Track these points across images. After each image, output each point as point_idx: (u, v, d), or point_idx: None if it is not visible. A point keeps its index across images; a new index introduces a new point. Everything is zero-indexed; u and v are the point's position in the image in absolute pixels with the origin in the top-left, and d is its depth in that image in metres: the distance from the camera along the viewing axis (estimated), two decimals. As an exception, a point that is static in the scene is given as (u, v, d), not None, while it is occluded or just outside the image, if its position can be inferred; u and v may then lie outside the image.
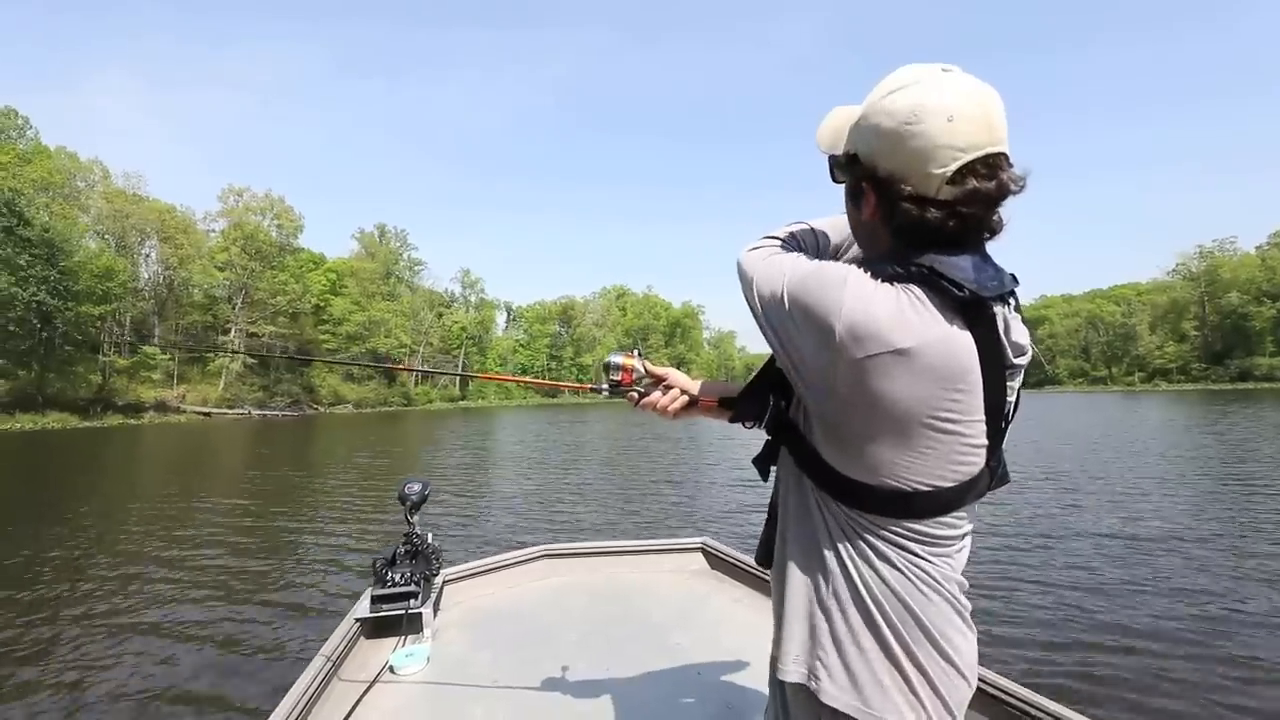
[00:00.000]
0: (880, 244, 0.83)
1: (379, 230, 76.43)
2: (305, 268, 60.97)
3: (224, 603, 5.61)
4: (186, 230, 51.69)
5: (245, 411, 47.58)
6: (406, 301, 70.46)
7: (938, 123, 0.71)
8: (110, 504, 10.75)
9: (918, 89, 0.73)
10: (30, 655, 4.55)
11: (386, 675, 2.03)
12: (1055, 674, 3.87)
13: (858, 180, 0.81)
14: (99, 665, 4.38)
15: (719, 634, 2.30)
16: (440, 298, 79.98)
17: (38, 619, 5.27)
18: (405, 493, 2.41)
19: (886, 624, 0.81)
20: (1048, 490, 9.75)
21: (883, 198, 0.78)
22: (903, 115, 0.73)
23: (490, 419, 40.95)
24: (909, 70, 0.77)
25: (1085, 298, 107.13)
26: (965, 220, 0.75)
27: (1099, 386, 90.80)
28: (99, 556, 7.20)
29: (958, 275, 0.74)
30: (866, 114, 0.77)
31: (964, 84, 0.73)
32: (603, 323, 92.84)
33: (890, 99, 0.75)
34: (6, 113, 45.94)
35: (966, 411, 0.76)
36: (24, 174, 39.87)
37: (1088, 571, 5.79)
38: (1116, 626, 4.52)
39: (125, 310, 45.44)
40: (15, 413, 33.63)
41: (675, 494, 10.65)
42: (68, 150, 47.99)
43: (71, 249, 39.17)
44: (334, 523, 8.88)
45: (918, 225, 0.75)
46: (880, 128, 0.75)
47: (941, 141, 0.71)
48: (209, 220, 56.35)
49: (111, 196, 48.16)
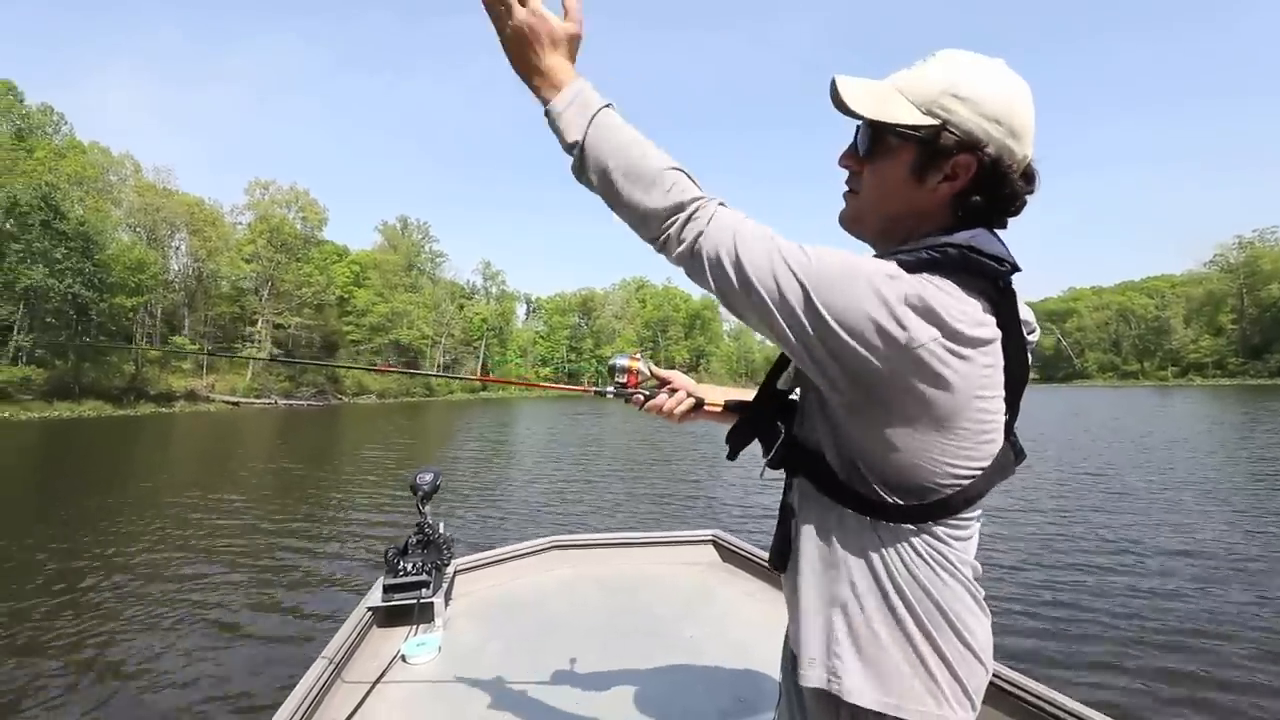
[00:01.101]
0: (930, 222, 0.83)
1: (401, 222, 77.22)
2: (329, 260, 61.93)
3: (241, 588, 5.73)
4: (215, 223, 52.72)
5: (272, 401, 48.56)
6: (428, 293, 71.20)
7: (1030, 107, 0.79)
8: (140, 491, 11.05)
9: (1001, 68, 0.80)
10: (49, 634, 4.70)
11: (398, 664, 2.04)
12: (1074, 669, 3.80)
13: (942, 153, 0.79)
14: (117, 643, 4.52)
15: (730, 626, 2.28)
16: (461, 290, 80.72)
17: (62, 597, 5.44)
18: (417, 483, 2.42)
19: (909, 612, 0.80)
20: (1080, 484, 9.56)
21: (984, 175, 0.79)
22: (1010, 93, 0.78)
23: (509, 410, 41.27)
24: (974, 55, 0.81)
25: (1115, 290, 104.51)
26: (1024, 198, 0.83)
27: (1130, 381, 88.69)
28: (124, 544, 7.40)
29: (997, 250, 0.77)
30: (971, 85, 0.78)
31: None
32: (622, 314, 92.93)
33: (987, 76, 0.78)
34: (43, 109, 47.26)
35: (995, 386, 0.78)
36: (60, 169, 40.97)
37: (1112, 571, 5.67)
38: (1149, 628, 4.42)
39: (156, 301, 46.58)
40: (54, 401, 34.70)
41: (689, 487, 10.64)
42: (101, 145, 49.25)
43: (105, 242, 40.28)
44: (352, 511, 9.03)
45: (1007, 202, 0.81)
46: (996, 101, 0.77)
47: (1032, 124, 0.79)
48: (236, 213, 57.46)
49: (143, 190, 49.29)
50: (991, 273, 0.76)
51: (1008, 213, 0.83)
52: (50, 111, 47.56)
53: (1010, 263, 0.77)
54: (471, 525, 8.05)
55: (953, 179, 0.80)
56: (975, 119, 0.77)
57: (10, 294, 35.25)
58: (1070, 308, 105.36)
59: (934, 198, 0.81)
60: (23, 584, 5.85)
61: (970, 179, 0.79)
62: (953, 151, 0.78)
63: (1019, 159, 0.79)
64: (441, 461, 14.72)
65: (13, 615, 5.09)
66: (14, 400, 33.05)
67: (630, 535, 3.13)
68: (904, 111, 0.80)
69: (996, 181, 0.79)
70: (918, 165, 0.81)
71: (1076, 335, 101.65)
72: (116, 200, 47.71)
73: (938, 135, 0.78)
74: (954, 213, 0.82)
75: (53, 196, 36.62)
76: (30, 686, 3.93)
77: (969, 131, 0.77)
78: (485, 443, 19.15)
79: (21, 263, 34.95)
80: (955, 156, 0.78)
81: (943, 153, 0.79)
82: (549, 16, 0.83)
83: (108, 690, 3.90)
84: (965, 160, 0.78)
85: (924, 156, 0.80)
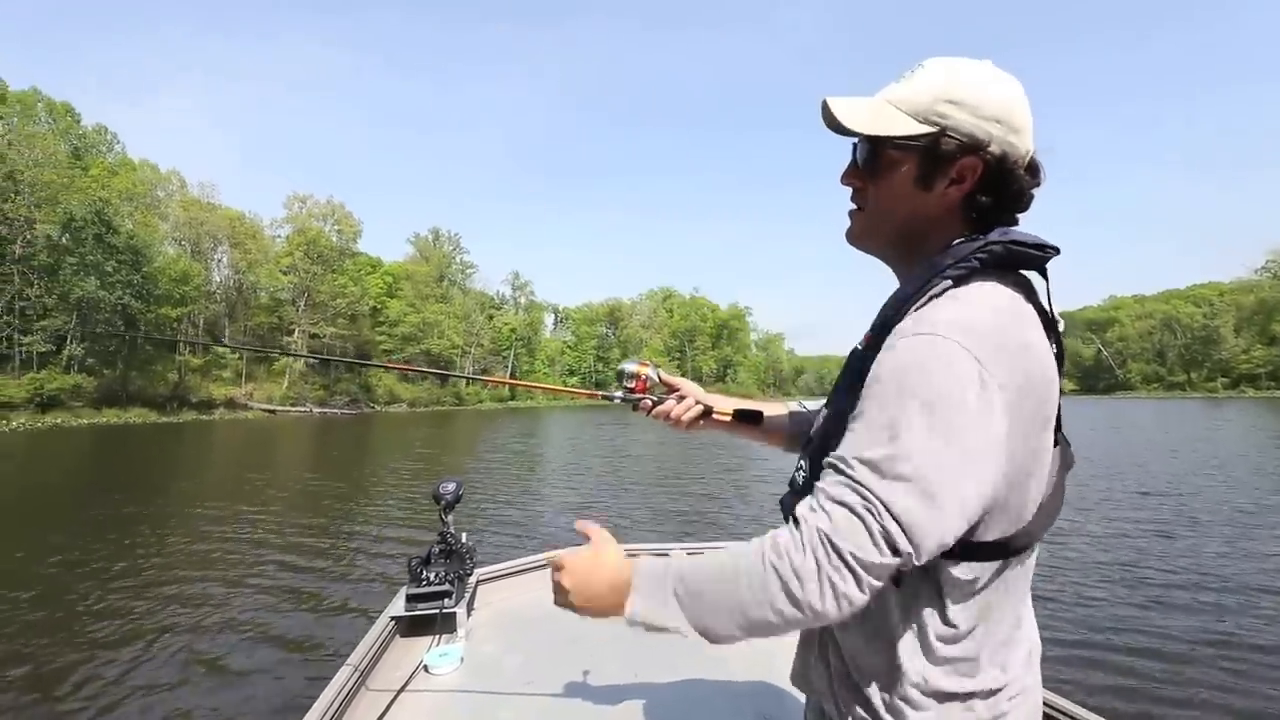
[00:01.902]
0: (942, 226, 0.83)
1: (433, 234, 78.70)
2: (363, 271, 63.35)
3: (268, 594, 5.85)
4: (255, 236, 54.44)
5: (307, 409, 49.74)
6: (459, 304, 72.28)
7: (1025, 102, 0.80)
8: (177, 496, 11.40)
9: (990, 69, 0.81)
10: (81, 635, 4.84)
11: (421, 674, 2.05)
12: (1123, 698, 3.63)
13: (945, 159, 0.80)
14: (143, 645, 4.65)
15: (753, 640, 2.24)
16: (491, 300, 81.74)
17: (95, 595, 5.61)
18: (440, 492, 2.43)
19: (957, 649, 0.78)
20: (1133, 502, 9.21)
21: (990, 175, 0.79)
22: (1004, 92, 0.79)
23: (536, 419, 41.60)
24: (961, 60, 0.82)
25: (1159, 298, 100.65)
26: (1031, 192, 0.83)
27: (1176, 392, 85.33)
28: (158, 548, 7.63)
29: (1033, 239, 0.79)
30: (965, 88, 0.78)
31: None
32: (649, 324, 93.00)
33: (979, 78, 0.79)
34: (98, 129, 49.63)
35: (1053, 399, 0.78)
36: (112, 185, 42.82)
37: (1177, 607, 5.42)
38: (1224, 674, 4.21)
39: (199, 312, 48.23)
40: (102, 408, 36.16)
41: (710, 498, 10.55)
42: (150, 162, 51.49)
43: (152, 255, 42.00)
44: (379, 519, 9.16)
45: (1016, 198, 0.81)
46: (991, 101, 0.78)
47: (1030, 119, 0.80)
48: (275, 226, 59.24)
49: (188, 205, 51.21)
50: (1039, 262, 0.79)
51: (1017, 208, 0.83)
52: (104, 131, 49.93)
53: (1053, 246, 0.79)
54: (497, 533, 8.09)
55: (960, 182, 0.80)
56: (974, 121, 0.78)
57: (65, 305, 36.88)
58: (1111, 317, 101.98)
59: (943, 203, 0.82)
60: (64, 582, 6.07)
61: (977, 180, 0.80)
62: (956, 155, 0.79)
63: (1022, 154, 0.80)
64: (468, 470, 14.87)
65: (56, 607, 5.27)
66: (66, 407, 34.51)
67: (653, 546, 3.07)
68: (900, 123, 0.80)
69: (1003, 179, 0.80)
70: (922, 173, 0.81)
71: (1118, 345, 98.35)
72: (163, 215, 49.65)
73: (938, 141, 0.79)
74: (966, 215, 0.82)
75: (105, 212, 38.31)
76: (49, 682, 4.05)
77: (969, 134, 0.78)
78: (511, 452, 19.30)
79: (76, 275, 36.58)
80: (959, 160, 0.79)
81: (945, 158, 0.79)
82: (588, 569, 0.87)
83: (125, 691, 3.99)
84: (970, 162, 0.79)
85: (927, 164, 0.80)
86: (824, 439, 0.82)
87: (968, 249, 0.78)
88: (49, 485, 13.25)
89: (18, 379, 33.89)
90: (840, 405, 0.81)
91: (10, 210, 35.24)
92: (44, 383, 34.17)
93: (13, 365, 34.85)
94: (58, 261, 36.88)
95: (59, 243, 37.58)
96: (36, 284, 36.47)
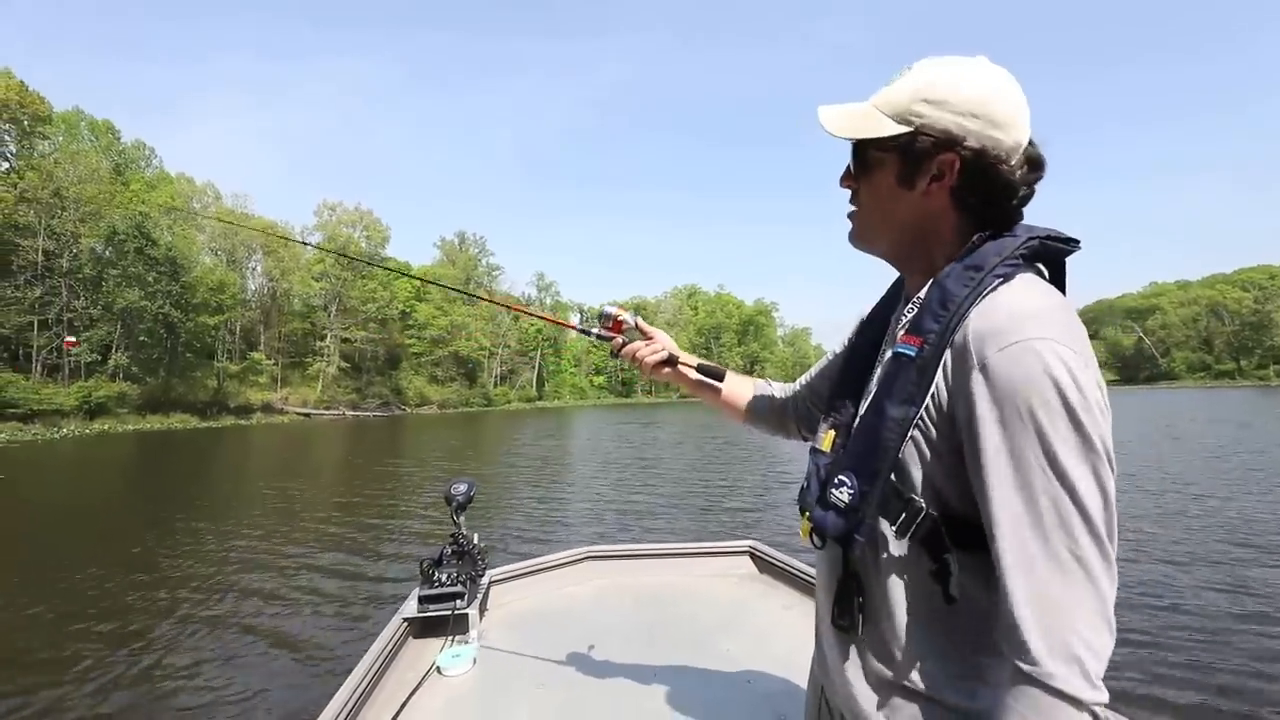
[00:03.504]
0: (936, 223, 0.84)
1: (459, 238, 79.64)
2: (392, 276, 64.46)
3: (288, 595, 5.99)
4: (287, 244, 55.76)
5: (340, 413, 50.82)
6: (485, 305, 73.01)
7: (1012, 94, 0.79)
8: (212, 500, 11.74)
9: (978, 65, 0.80)
10: (90, 636, 5.00)
11: (434, 675, 2.05)
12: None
13: (921, 156, 0.80)
14: (158, 647, 4.79)
15: (769, 640, 2.21)
16: (517, 301, 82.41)
17: (112, 598, 5.79)
18: (451, 493, 2.44)
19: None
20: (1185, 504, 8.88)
21: (970, 170, 0.79)
22: (985, 86, 0.78)
23: (562, 419, 41.94)
24: (949, 58, 0.82)
25: (1204, 283, 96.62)
26: (1032, 188, 0.81)
27: (1225, 381, 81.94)
28: (184, 551, 7.84)
29: (1061, 235, 0.80)
30: (941, 87, 0.78)
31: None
32: (675, 321, 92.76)
33: (960, 74, 0.79)
34: (137, 145, 51.43)
35: None
36: (151, 199, 44.29)
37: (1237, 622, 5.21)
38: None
39: (236, 319, 49.59)
40: (145, 414, 37.43)
41: (728, 496, 10.47)
42: (186, 176, 53.08)
43: (190, 265, 43.28)
44: (400, 520, 9.32)
45: (1003, 192, 0.79)
46: (971, 96, 0.77)
47: (1017, 112, 0.78)
48: (306, 234, 60.58)
49: (223, 216, 52.68)
50: (1064, 255, 0.81)
51: (1011, 202, 0.81)
52: (143, 146, 51.71)
53: (1077, 240, 0.80)
54: (518, 533, 8.14)
55: (940, 179, 0.80)
56: (948, 117, 0.78)
57: (109, 315, 38.29)
58: (1152, 304, 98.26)
59: (929, 201, 0.82)
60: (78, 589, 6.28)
61: (958, 175, 0.80)
62: (931, 152, 0.79)
63: (1008, 147, 0.78)
64: (490, 470, 15.02)
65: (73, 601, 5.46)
66: (113, 414, 35.81)
67: (665, 545, 3.07)
68: (880, 125, 0.81)
69: (984, 174, 0.79)
70: (901, 172, 0.82)
71: (1160, 333, 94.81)
72: (200, 226, 51.16)
73: (913, 140, 0.79)
74: (960, 212, 0.82)
75: (145, 224, 39.65)
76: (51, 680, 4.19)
77: (944, 130, 0.78)
78: (532, 454, 19.41)
79: (119, 286, 37.95)
80: (936, 157, 0.79)
81: (922, 155, 0.80)
82: None
83: (141, 694, 4.11)
84: (947, 158, 0.79)
85: (905, 162, 0.81)
86: (868, 449, 0.80)
87: (1008, 245, 0.77)
88: (94, 492, 13.77)
89: (67, 387, 35.29)
90: (891, 413, 0.78)
91: (58, 225, 36.67)
92: (92, 391, 35.49)
93: (62, 374, 36.31)
94: (102, 273, 38.28)
95: (102, 255, 39.01)
96: (83, 296, 37.90)
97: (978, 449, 0.69)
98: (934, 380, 0.74)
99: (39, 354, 35.71)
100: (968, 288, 0.75)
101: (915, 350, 0.77)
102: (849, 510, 0.80)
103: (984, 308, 0.73)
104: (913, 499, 0.76)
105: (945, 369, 0.74)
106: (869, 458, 0.79)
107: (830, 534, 0.83)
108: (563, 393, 79.30)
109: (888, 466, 0.77)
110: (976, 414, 0.69)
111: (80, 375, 36.78)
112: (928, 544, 0.75)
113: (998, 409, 0.67)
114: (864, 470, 0.79)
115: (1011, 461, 0.66)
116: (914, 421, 0.75)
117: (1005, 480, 0.67)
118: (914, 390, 0.76)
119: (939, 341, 0.75)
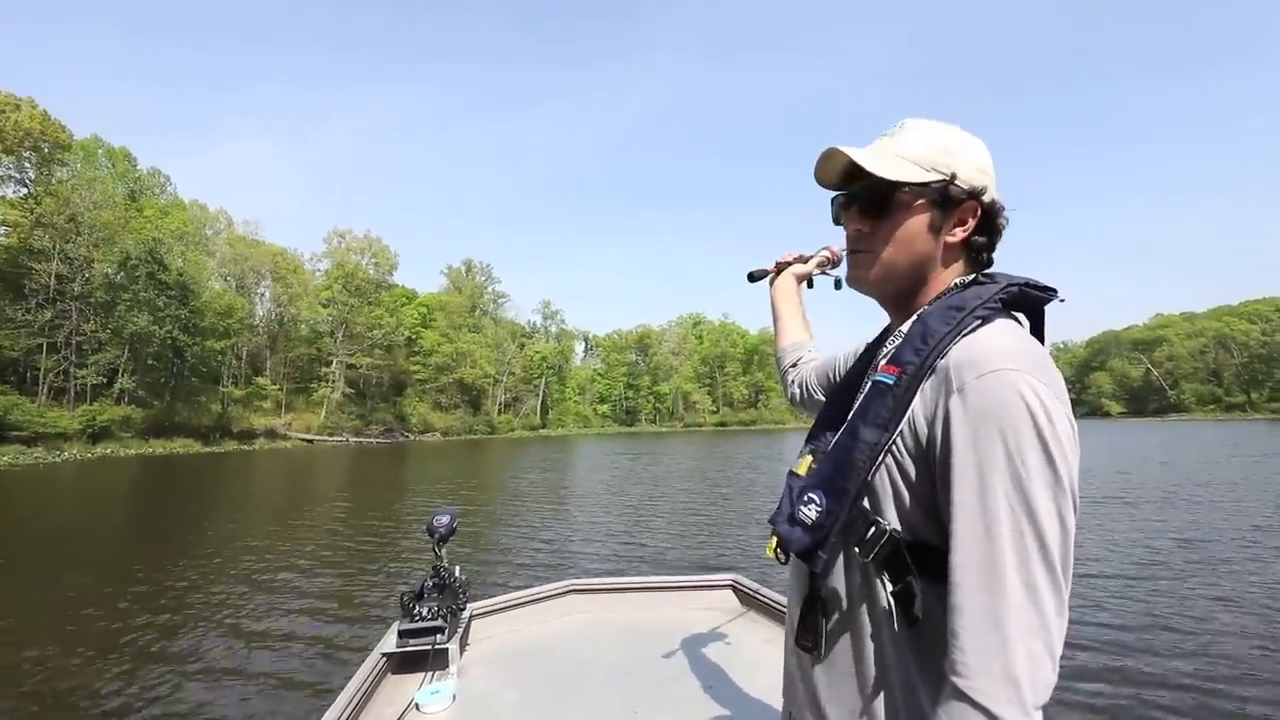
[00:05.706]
0: (941, 267, 0.89)
1: (465, 265, 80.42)
2: (399, 302, 65.03)
3: (270, 630, 5.84)
4: (296, 270, 56.42)
5: (343, 439, 50.77)
6: (491, 333, 73.37)
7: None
8: (212, 527, 11.63)
9: (960, 130, 0.90)
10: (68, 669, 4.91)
11: (412, 713, 1.99)
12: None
13: (954, 203, 0.86)
14: (136, 679, 4.68)
15: (751, 674, 2.17)
16: (522, 329, 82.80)
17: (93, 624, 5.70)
18: (433, 525, 2.40)
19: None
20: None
21: (984, 218, 0.87)
22: (980, 146, 0.89)
23: (566, 447, 41.64)
24: (936, 121, 0.91)
25: (1210, 315, 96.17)
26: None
27: (1235, 414, 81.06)
28: (174, 579, 7.76)
29: (1041, 284, 0.85)
30: (955, 143, 0.87)
31: None
32: (679, 350, 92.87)
33: (958, 134, 0.89)
34: (152, 173, 52.60)
35: None
36: (164, 225, 45.06)
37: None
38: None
39: (242, 344, 49.96)
40: (149, 439, 37.46)
41: (712, 529, 10.31)
42: (199, 202, 54.09)
43: (200, 290, 43.77)
44: (393, 549, 9.19)
45: (998, 237, 0.90)
46: (978, 154, 0.87)
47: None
48: (314, 260, 61.37)
49: (234, 242, 53.50)
50: (1042, 304, 0.85)
51: (994, 250, 0.91)
52: (157, 174, 52.92)
53: (1054, 289, 0.85)
54: (500, 562, 8.02)
55: (963, 225, 0.87)
56: (972, 169, 0.86)
57: (118, 339, 38.62)
58: (1158, 336, 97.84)
59: (947, 245, 0.88)
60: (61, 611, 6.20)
61: (977, 223, 0.87)
62: (963, 200, 0.86)
63: (998, 199, 0.88)
64: (482, 498, 14.87)
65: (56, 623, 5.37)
66: (115, 438, 35.90)
67: (648, 580, 3.06)
68: (916, 171, 0.85)
69: (992, 221, 0.88)
70: (935, 217, 0.86)
71: (1167, 365, 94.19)
72: (211, 251, 51.91)
73: (947, 187, 0.85)
74: (966, 256, 0.90)
75: (158, 250, 40.26)
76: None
77: (970, 181, 0.85)
78: (527, 484, 19.22)
79: (129, 311, 38.37)
80: (964, 204, 0.86)
81: (954, 202, 0.86)
82: None
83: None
84: (972, 206, 0.86)
85: (940, 208, 0.86)
86: (838, 469, 0.81)
87: (988, 290, 0.81)
88: (88, 517, 13.71)
89: (71, 411, 35.43)
90: (864, 436, 0.79)
91: (72, 250, 37.28)
92: (96, 414, 35.62)
93: (68, 398, 36.50)
94: (113, 298, 38.76)
95: (115, 280, 39.55)
96: (92, 319, 38.30)
97: (948, 465, 0.70)
98: (910, 406, 0.76)
99: (45, 377, 35.96)
100: (949, 325, 0.77)
101: (894, 379, 0.79)
102: (814, 527, 0.81)
103: (964, 343, 0.75)
104: (878, 521, 0.77)
105: (923, 394, 0.76)
106: (839, 477, 0.80)
107: (794, 549, 0.84)
108: (566, 421, 79.07)
109: (856, 487, 0.78)
110: (951, 432, 0.70)
111: (86, 399, 36.97)
112: (890, 566, 0.76)
113: (971, 429, 0.69)
114: (833, 489, 0.80)
115: (979, 479, 0.68)
116: (886, 446, 0.77)
117: (969, 497, 0.68)
118: (889, 416, 0.77)
119: (917, 371, 0.77)
